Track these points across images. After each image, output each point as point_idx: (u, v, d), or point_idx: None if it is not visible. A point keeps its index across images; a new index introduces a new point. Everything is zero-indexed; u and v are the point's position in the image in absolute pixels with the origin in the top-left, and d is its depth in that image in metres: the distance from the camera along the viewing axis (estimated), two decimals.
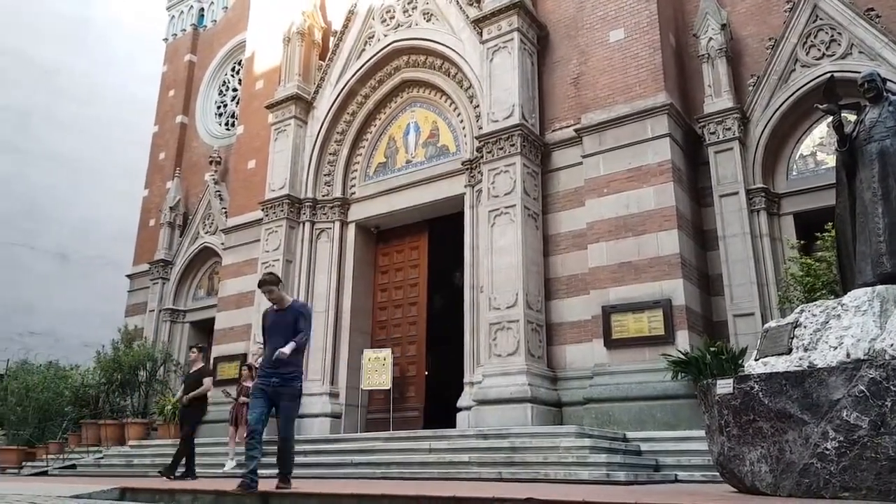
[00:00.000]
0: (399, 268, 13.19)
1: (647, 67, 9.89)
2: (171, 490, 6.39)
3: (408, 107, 13.35)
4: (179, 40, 20.11)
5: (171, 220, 17.17)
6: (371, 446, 9.42)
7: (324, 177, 13.61)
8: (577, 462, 7.26)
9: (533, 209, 10.46)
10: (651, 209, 9.31)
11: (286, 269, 12.87)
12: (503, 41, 11.14)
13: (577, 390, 9.48)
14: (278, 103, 14.00)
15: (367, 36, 13.55)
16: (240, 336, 13.63)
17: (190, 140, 18.69)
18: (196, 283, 16.74)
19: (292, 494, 5.64)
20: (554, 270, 10.43)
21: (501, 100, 10.86)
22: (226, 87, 18.96)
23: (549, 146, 10.96)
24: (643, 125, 9.68)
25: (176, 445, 11.66)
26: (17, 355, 17.51)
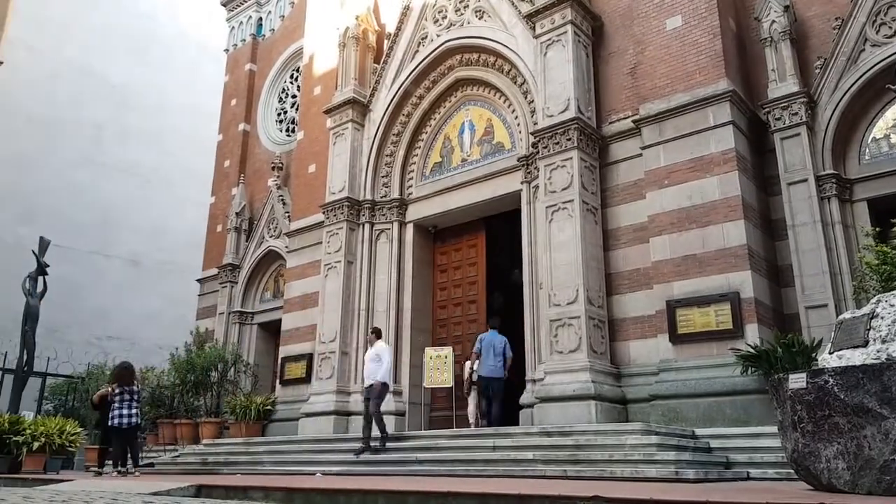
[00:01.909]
0: (457, 266, 13.24)
1: (707, 54, 9.62)
2: (244, 487, 6.60)
3: (462, 105, 13.39)
4: (239, 50, 20.71)
5: (237, 226, 17.71)
6: (435, 444, 9.50)
7: (381, 178, 13.79)
8: (643, 460, 7.15)
9: (591, 203, 10.33)
10: (715, 200, 9.07)
11: (348, 270, 13.10)
12: (557, 35, 11.04)
13: (642, 387, 9.32)
14: (335, 108, 14.26)
15: (420, 37, 13.64)
16: (305, 337, 13.94)
17: (253, 147, 19.22)
18: (263, 286, 17.22)
19: (359, 491, 5.74)
20: (615, 265, 10.28)
21: (556, 94, 10.77)
22: (285, 93, 19.42)
23: (607, 139, 10.80)
24: (704, 113, 9.43)
25: (246, 443, 12.05)
26: (96, 358, 18.42)
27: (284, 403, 13.72)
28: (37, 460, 10.65)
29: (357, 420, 12.18)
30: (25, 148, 21.89)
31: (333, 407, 12.21)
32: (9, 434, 10.57)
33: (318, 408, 12.37)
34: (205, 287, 18.58)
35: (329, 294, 13.12)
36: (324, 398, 12.43)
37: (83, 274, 22.31)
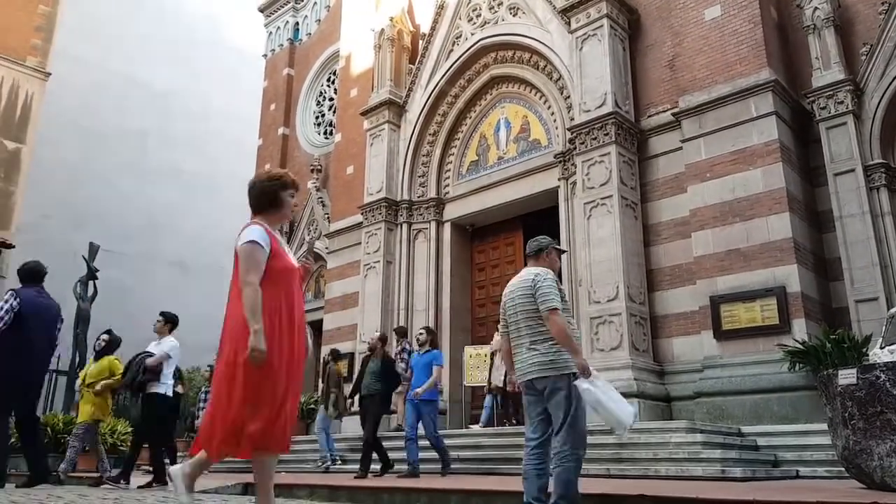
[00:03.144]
0: (495, 264, 13.22)
1: (748, 43, 9.41)
2: (290, 485, 6.71)
3: (497, 103, 13.35)
4: (277, 55, 21.02)
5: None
6: (477, 442, 9.50)
7: (418, 178, 13.85)
8: (689, 458, 7.04)
9: (631, 198, 10.20)
10: (759, 192, 8.87)
11: (386, 270, 13.20)
12: (592, 29, 10.93)
13: (686, 384, 9.18)
14: (372, 109, 14.37)
15: (454, 36, 13.65)
16: (346, 336, 14.09)
17: (292, 150, 19.51)
18: (304, 287, 17.44)
19: (401, 490, 5.80)
20: (656, 261, 10.14)
21: (593, 88, 10.66)
22: (322, 97, 19.64)
23: (646, 132, 10.66)
24: (746, 104, 9.23)
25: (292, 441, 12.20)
26: None
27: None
28: (90, 460, 10.96)
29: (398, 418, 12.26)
30: (74, 157, 22.60)
31: None
32: (63, 434, 10.89)
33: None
34: None
35: (369, 294, 13.24)
36: None
37: (131, 278, 22.93)
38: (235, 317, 3.28)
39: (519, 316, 4.24)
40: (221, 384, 3.21)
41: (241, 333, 3.18)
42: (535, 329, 4.16)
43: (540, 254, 4.44)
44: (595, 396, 3.96)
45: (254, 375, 3.11)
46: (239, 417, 3.09)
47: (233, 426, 3.10)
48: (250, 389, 3.11)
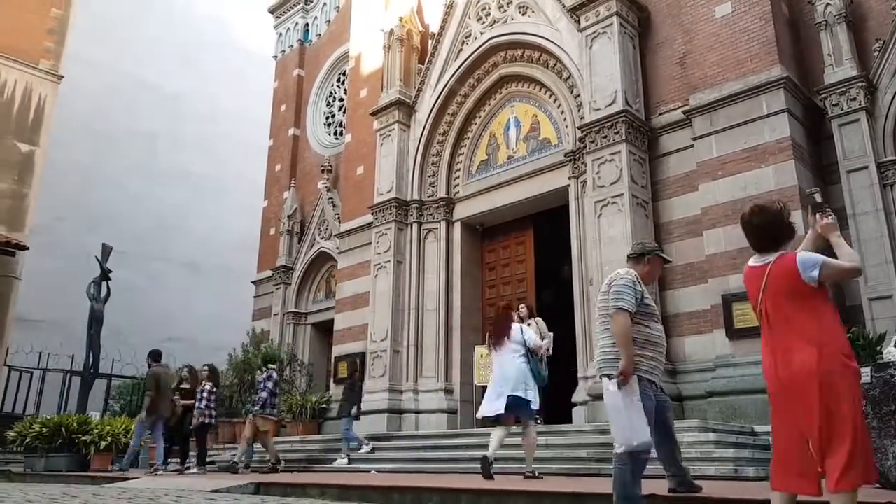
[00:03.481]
0: (506, 264, 13.21)
1: (759, 40, 9.36)
2: (302, 484, 6.74)
3: (507, 102, 13.34)
4: (287, 56, 21.09)
5: (289, 228, 18.06)
6: (487, 441, 9.49)
7: (428, 178, 13.86)
8: (701, 457, 7.00)
9: (642, 197, 10.17)
10: (771, 190, 8.79)
11: (397, 269, 13.22)
12: (602, 27, 10.90)
13: (698, 383, 9.13)
14: (382, 110, 14.39)
15: (463, 35, 13.65)
16: (357, 336, 14.13)
17: (302, 151, 19.57)
18: (315, 287, 17.52)
19: (412, 489, 5.80)
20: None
21: (603, 87, 10.63)
22: (332, 97, 19.70)
23: (656, 130, 10.62)
24: (758, 102, 9.18)
25: (302, 441, 12.29)
26: None
27: (339, 402, 13.93)
28: (104, 459, 11.06)
29: (409, 418, 12.31)
30: (86, 159, 22.79)
31: (386, 405, 12.34)
32: (77, 434, 10.99)
33: (371, 406, 12.51)
34: (260, 289, 19.01)
35: (379, 294, 13.27)
36: (377, 396, 12.57)
37: (144, 279, 23.12)
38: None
39: (598, 313, 4.42)
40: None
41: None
42: (604, 326, 4.31)
43: (641, 258, 4.53)
44: (615, 402, 4.00)
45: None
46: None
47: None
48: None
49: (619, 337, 4.08)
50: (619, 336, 4.08)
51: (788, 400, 3.09)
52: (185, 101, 25.95)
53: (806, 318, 3.12)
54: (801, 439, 2.98)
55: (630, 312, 4.13)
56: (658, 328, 4.44)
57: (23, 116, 17.33)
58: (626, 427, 3.95)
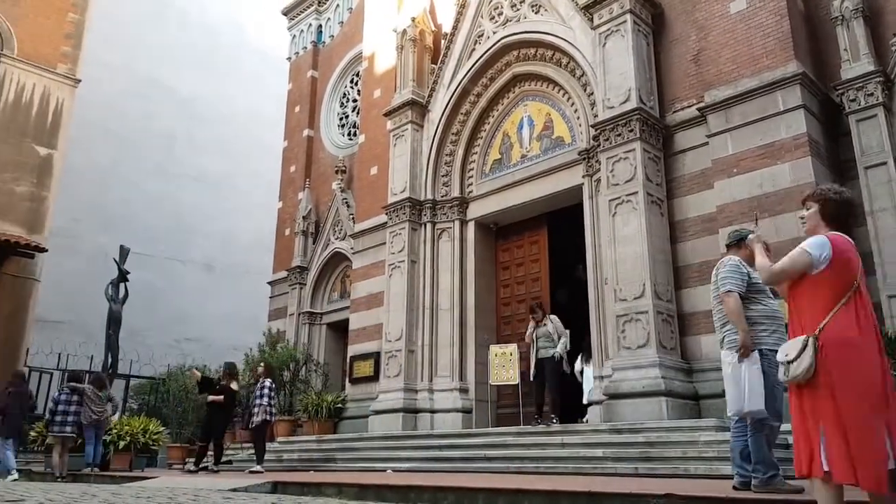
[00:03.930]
0: (520, 263, 13.20)
1: (775, 36, 9.28)
2: (318, 483, 6.79)
3: (520, 101, 13.33)
4: (301, 58, 21.19)
5: (304, 229, 18.16)
6: (503, 441, 9.52)
7: (442, 178, 13.88)
8: (719, 457, 6.98)
9: (656, 195, 10.12)
10: (788, 187, 8.74)
11: (411, 269, 13.24)
12: (615, 25, 10.86)
13: (715, 382, 9.05)
14: (395, 110, 14.43)
15: (476, 35, 13.65)
16: (372, 335, 14.18)
17: (317, 152, 19.66)
18: (330, 287, 17.60)
19: (429, 488, 5.83)
20: (683, 258, 10.04)
21: (616, 85, 10.59)
22: (346, 98, 19.76)
23: (671, 128, 10.56)
24: (773, 98, 9.10)
25: (319, 441, 12.36)
26: (175, 360, 19.20)
27: (354, 401, 14.00)
28: (123, 458, 11.18)
29: (425, 417, 12.34)
30: (103, 161, 23.02)
31: (402, 404, 12.37)
32: None
33: (386, 405, 12.56)
34: (275, 289, 19.12)
35: (394, 293, 13.30)
36: (392, 396, 12.61)
37: (161, 279, 23.30)
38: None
39: (714, 300, 4.97)
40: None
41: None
42: (718, 308, 4.91)
43: (740, 243, 5.02)
44: (729, 373, 4.59)
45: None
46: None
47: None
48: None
49: (731, 315, 4.65)
50: (731, 314, 4.65)
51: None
52: (200, 103, 26.14)
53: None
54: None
55: (738, 293, 4.69)
56: (773, 303, 4.95)
57: (41, 120, 17.55)
58: (739, 395, 4.48)
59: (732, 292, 4.69)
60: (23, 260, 16.21)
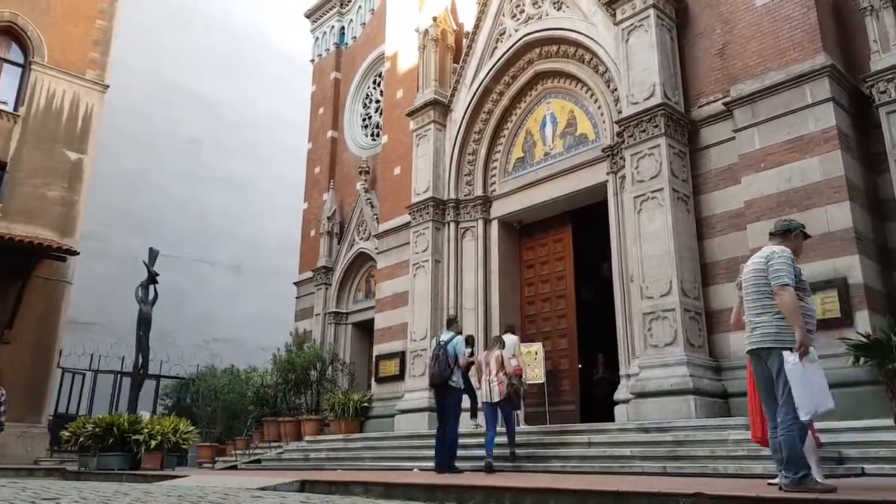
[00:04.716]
0: (544, 261, 13.15)
1: (802, 28, 9.12)
2: (346, 482, 6.83)
3: (543, 99, 13.27)
4: (324, 60, 21.33)
5: (329, 230, 18.30)
6: (528, 440, 9.50)
7: (464, 177, 13.88)
8: (748, 455, 6.90)
9: (682, 191, 10.02)
10: (817, 181, 8.58)
11: (435, 269, 13.27)
12: (638, 20, 10.76)
13: (743, 380, 8.91)
14: (417, 110, 14.46)
15: (498, 33, 13.63)
16: (397, 335, 14.23)
17: (341, 153, 19.78)
18: (355, 287, 17.71)
19: (456, 487, 5.83)
20: (710, 254, 9.92)
21: (640, 80, 10.50)
22: (369, 99, 19.85)
23: (697, 123, 10.44)
24: (801, 91, 8.94)
25: (345, 440, 12.44)
26: (204, 360, 19.48)
27: (380, 400, 14.06)
28: (154, 457, 11.34)
29: None
30: (132, 166, 23.41)
31: (427, 404, 12.38)
32: (129, 433, 11.27)
33: (412, 404, 12.60)
34: (301, 290, 19.28)
35: (418, 293, 13.34)
36: (417, 395, 12.65)
37: (190, 281, 23.64)
38: None
39: (750, 289, 4.68)
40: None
41: None
42: (762, 302, 4.58)
43: (787, 234, 4.86)
44: (796, 373, 4.32)
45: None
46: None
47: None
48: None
49: (789, 311, 4.38)
50: (789, 311, 4.38)
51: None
52: (226, 107, 26.44)
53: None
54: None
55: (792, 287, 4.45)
56: (812, 302, 4.81)
57: (71, 125, 17.89)
58: (809, 395, 4.28)
59: (789, 286, 4.43)
60: (55, 263, 16.54)
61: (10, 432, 15.44)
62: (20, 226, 16.28)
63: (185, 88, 25.56)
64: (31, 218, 16.64)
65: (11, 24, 17.34)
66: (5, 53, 17.56)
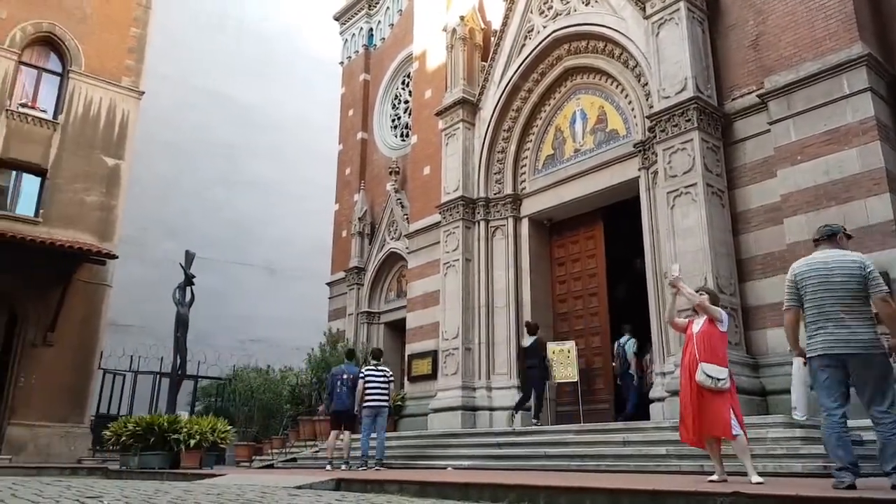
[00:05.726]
0: (576, 259, 13.06)
1: (837, 17, 8.91)
2: (380, 480, 6.88)
3: (572, 95, 13.18)
4: (353, 62, 21.48)
5: (360, 230, 18.43)
6: (563, 439, 9.45)
7: (494, 175, 13.85)
8: (787, 454, 6.77)
9: (716, 186, 9.86)
10: (855, 173, 8.39)
11: (465, 267, 13.27)
12: (669, 13, 10.62)
13: (782, 377, 8.75)
14: (446, 109, 14.48)
15: (526, 30, 13.57)
16: (429, 334, 14.27)
17: (370, 154, 19.90)
18: (387, 287, 17.81)
19: (490, 486, 5.83)
20: (746, 250, 9.76)
21: (672, 74, 10.36)
22: (398, 99, 19.93)
23: (730, 116, 10.27)
24: (838, 81, 8.74)
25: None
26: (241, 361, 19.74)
27: (413, 399, 14.12)
28: (193, 456, 11.54)
29: (483, 415, 12.36)
30: (166, 171, 23.84)
31: (460, 402, 12.42)
32: (168, 432, 11.49)
33: (444, 403, 12.63)
34: (334, 290, 19.45)
35: (449, 292, 13.36)
36: (450, 394, 12.67)
37: (225, 283, 23.98)
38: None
39: (835, 293, 4.67)
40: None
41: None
42: (853, 307, 4.60)
43: (833, 237, 4.94)
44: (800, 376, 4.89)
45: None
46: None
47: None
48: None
49: (891, 320, 4.53)
50: (892, 318, 4.53)
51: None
52: (257, 111, 26.77)
53: None
54: None
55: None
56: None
57: (108, 132, 18.28)
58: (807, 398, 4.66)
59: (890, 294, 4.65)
60: (95, 267, 16.92)
61: (54, 432, 15.89)
62: (60, 231, 16.69)
63: (217, 93, 25.94)
64: (71, 223, 17.05)
65: (50, 34, 17.79)
66: (45, 63, 18.01)
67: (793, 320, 4.95)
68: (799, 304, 4.89)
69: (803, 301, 4.84)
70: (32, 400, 15.75)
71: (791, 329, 5.02)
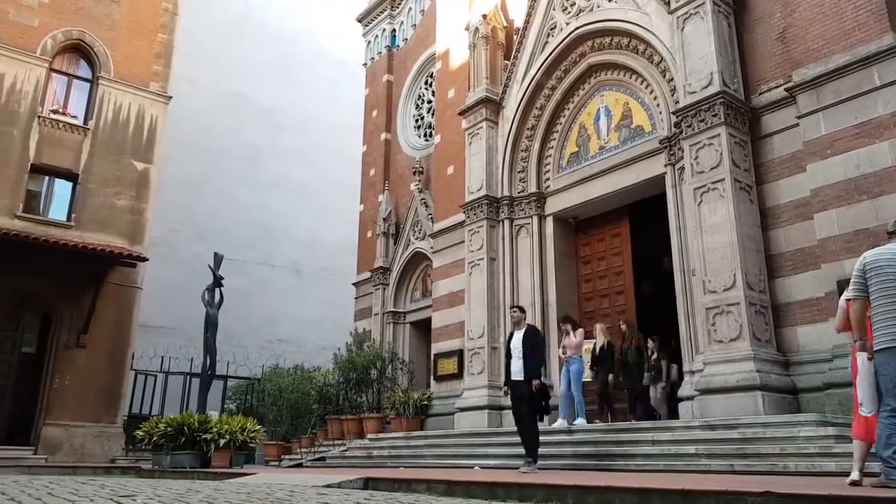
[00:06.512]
0: (601, 257, 12.98)
1: (867, 8, 8.73)
2: (408, 479, 6.91)
3: (596, 92, 13.09)
4: (377, 63, 21.57)
5: (385, 231, 18.51)
6: (591, 437, 9.40)
7: (518, 174, 13.81)
8: (820, 453, 6.67)
9: (745, 181, 9.73)
10: (887, 167, 8.22)
11: (490, 266, 13.26)
12: (694, 7, 10.50)
13: (814, 375, 8.65)
14: (469, 108, 14.47)
15: (549, 27, 13.51)
16: (454, 333, 14.29)
17: (394, 154, 19.97)
18: (412, 286, 17.87)
19: (517, 485, 5.83)
20: (776, 246, 9.61)
21: (697, 69, 10.24)
22: (421, 100, 19.97)
23: (757, 110, 10.12)
24: (868, 73, 8.57)
25: (406, 438, 12.57)
26: (269, 361, 19.97)
27: (439, 398, 14.16)
28: (223, 455, 11.70)
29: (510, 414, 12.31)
30: (194, 174, 24.17)
31: (486, 401, 12.42)
32: (198, 432, 11.65)
33: (471, 402, 12.64)
34: (360, 290, 19.56)
35: (474, 291, 13.36)
36: (476, 393, 12.67)
37: (252, 284, 24.26)
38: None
39: (887, 287, 4.66)
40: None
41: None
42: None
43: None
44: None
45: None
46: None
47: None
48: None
49: None
50: None
51: None
52: (282, 113, 27.03)
53: None
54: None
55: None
56: None
57: (137, 136, 18.61)
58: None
59: None
60: (126, 269, 17.24)
61: (88, 432, 16.22)
62: (92, 234, 17.03)
63: (242, 96, 26.24)
64: (102, 226, 17.39)
65: (80, 41, 18.16)
66: (75, 70, 18.40)
67: (860, 310, 4.80)
68: (866, 294, 4.77)
69: (869, 292, 4.74)
70: (67, 400, 16.11)
71: (859, 320, 4.84)
